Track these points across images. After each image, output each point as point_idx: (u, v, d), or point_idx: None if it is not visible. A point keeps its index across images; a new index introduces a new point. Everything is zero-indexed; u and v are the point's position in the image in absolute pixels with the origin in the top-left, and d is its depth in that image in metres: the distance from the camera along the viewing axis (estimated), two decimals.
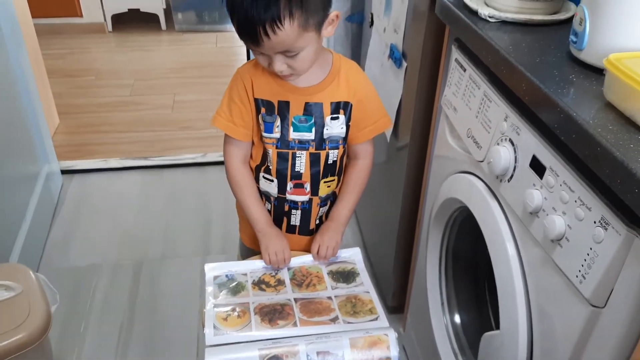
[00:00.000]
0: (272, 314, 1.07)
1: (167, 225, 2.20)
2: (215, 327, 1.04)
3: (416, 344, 1.50)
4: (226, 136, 1.17)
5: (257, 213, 1.20)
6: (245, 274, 1.20)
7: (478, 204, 1.00)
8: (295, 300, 1.12)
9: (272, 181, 1.20)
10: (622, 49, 0.80)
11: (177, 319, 1.77)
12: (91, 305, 1.82)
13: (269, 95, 1.11)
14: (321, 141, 1.14)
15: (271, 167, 1.17)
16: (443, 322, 1.23)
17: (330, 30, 1.04)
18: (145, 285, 1.91)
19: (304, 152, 1.15)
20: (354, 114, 1.14)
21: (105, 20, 4.13)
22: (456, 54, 1.13)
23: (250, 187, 1.20)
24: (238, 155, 1.18)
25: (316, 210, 1.24)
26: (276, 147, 1.15)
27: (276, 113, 1.12)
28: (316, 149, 1.15)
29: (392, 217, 1.60)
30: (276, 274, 1.19)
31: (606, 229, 0.68)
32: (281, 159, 1.16)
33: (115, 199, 2.34)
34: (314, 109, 1.12)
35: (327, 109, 1.12)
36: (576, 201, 0.74)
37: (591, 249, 0.71)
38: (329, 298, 1.13)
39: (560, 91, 0.79)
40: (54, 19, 4.00)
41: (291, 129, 1.13)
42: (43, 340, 1.10)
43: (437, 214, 1.20)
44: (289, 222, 1.25)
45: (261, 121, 1.13)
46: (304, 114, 1.12)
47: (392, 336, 1.02)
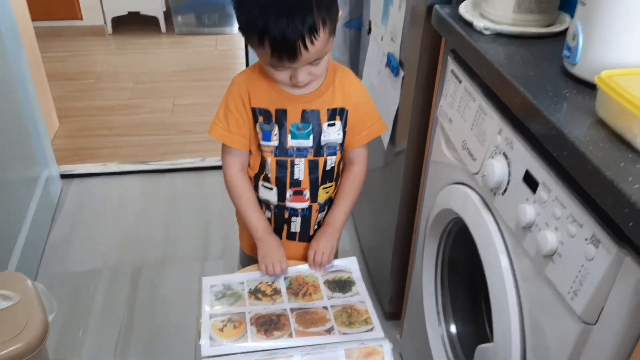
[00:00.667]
0: (268, 325, 1.08)
1: (166, 230, 2.20)
2: (211, 338, 1.04)
3: (413, 351, 1.50)
4: (224, 146, 1.18)
5: (256, 221, 1.21)
6: (241, 282, 1.20)
7: (472, 216, 1.00)
8: (291, 310, 1.12)
9: (271, 189, 1.20)
10: (615, 64, 0.80)
11: (176, 324, 1.78)
12: (90, 310, 1.83)
13: (266, 103, 1.12)
14: (319, 148, 1.15)
15: (270, 175, 1.18)
16: (439, 331, 1.24)
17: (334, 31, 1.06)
18: (144, 290, 1.91)
19: (303, 159, 1.16)
20: (350, 119, 1.15)
21: (106, 22, 4.14)
22: (452, 65, 1.13)
23: (249, 196, 1.21)
24: (236, 164, 1.19)
25: (315, 216, 1.25)
26: (275, 155, 1.15)
27: (274, 121, 1.13)
28: (314, 156, 1.16)
29: (389, 223, 1.60)
30: (272, 282, 1.20)
31: (597, 247, 0.69)
32: (280, 166, 1.17)
33: (114, 203, 2.35)
34: (311, 117, 1.13)
35: (324, 116, 1.13)
36: (568, 217, 0.74)
37: (582, 265, 0.71)
38: (325, 308, 1.13)
39: (553, 107, 0.80)
40: (54, 21, 4.01)
41: (289, 136, 1.13)
42: (40, 350, 1.10)
43: (433, 223, 1.21)
44: (289, 229, 1.26)
45: (259, 130, 1.14)
46: (301, 122, 1.13)
47: (387, 347, 1.03)
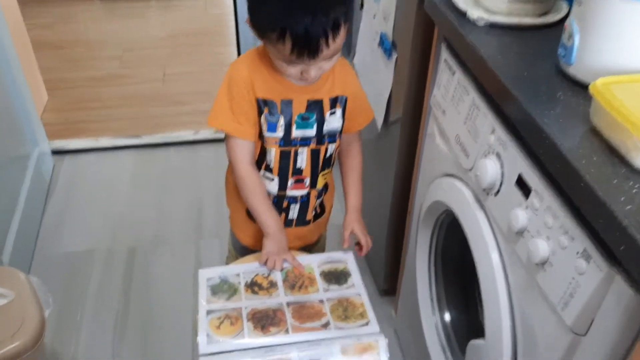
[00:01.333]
0: (264, 320, 1.09)
1: (160, 207, 2.20)
2: (208, 336, 1.05)
3: (407, 329, 1.53)
4: (230, 138, 1.14)
5: (270, 218, 1.18)
6: (238, 274, 1.21)
7: (465, 212, 1.00)
8: (288, 304, 1.13)
9: (272, 180, 1.20)
10: (612, 66, 0.78)
11: (172, 306, 1.80)
12: (86, 293, 1.84)
13: (271, 94, 1.10)
14: (321, 136, 1.16)
15: (272, 165, 1.17)
16: (433, 320, 1.25)
17: None
18: (139, 272, 1.92)
19: (306, 148, 1.16)
20: (348, 106, 1.16)
21: None
22: (445, 54, 1.11)
23: (262, 191, 1.18)
24: (246, 157, 1.15)
25: (313, 202, 1.26)
26: (279, 146, 1.14)
27: (279, 112, 1.11)
28: (317, 145, 1.16)
29: (383, 203, 1.60)
30: (269, 274, 1.20)
31: (588, 262, 0.69)
32: (283, 157, 1.16)
33: (107, 180, 2.34)
34: (315, 106, 1.12)
35: (327, 105, 1.13)
36: (560, 228, 0.74)
37: (573, 278, 0.71)
38: (321, 301, 1.14)
39: (547, 112, 0.78)
40: None
41: (294, 127, 1.13)
42: (38, 347, 1.12)
43: (426, 213, 1.20)
44: (287, 216, 1.26)
45: (264, 121, 1.12)
46: (306, 112, 1.12)
47: (382, 342, 1.04)
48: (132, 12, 3.87)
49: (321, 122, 1.14)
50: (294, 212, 1.25)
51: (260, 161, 1.18)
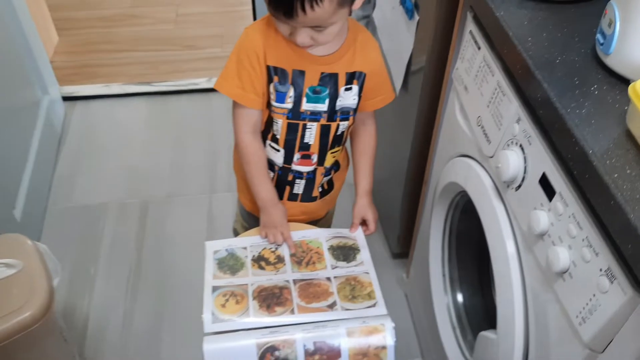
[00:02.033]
0: (270, 299, 1.07)
1: (173, 158, 2.17)
2: (213, 314, 1.05)
3: (417, 293, 1.52)
4: (235, 104, 1.09)
5: (263, 191, 1.15)
6: (245, 247, 1.19)
7: (483, 201, 0.95)
8: (294, 281, 1.11)
9: (278, 151, 1.15)
10: None
11: (185, 262, 1.80)
12: (99, 248, 1.84)
13: (283, 63, 1.04)
14: (333, 112, 1.09)
15: (279, 137, 1.12)
16: (445, 300, 1.23)
17: (358, 2, 0.96)
18: (152, 226, 1.92)
19: (315, 123, 1.10)
20: (366, 84, 1.09)
21: None
22: (471, 25, 1.02)
23: (261, 163, 1.14)
24: (248, 125, 1.10)
25: (320, 179, 1.21)
26: (287, 118, 1.09)
27: (290, 83, 1.05)
28: (327, 121, 1.10)
29: (399, 168, 1.55)
30: (276, 249, 1.18)
31: (612, 282, 0.64)
32: (291, 130, 1.11)
33: (119, 129, 2.30)
34: (329, 80, 1.06)
35: (342, 80, 1.07)
36: (584, 240, 0.69)
37: (594, 295, 0.67)
38: (328, 279, 1.12)
39: (578, 110, 0.71)
40: None
41: (304, 99, 1.07)
42: (47, 317, 1.12)
43: (442, 192, 1.15)
44: (291, 190, 1.22)
45: (272, 90, 1.06)
46: (319, 85, 1.06)
47: (388, 325, 1.02)
48: None
49: (334, 97, 1.07)
50: (300, 187, 1.21)
51: (267, 130, 1.13)
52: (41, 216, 1.90)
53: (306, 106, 1.08)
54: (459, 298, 1.21)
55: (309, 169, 1.17)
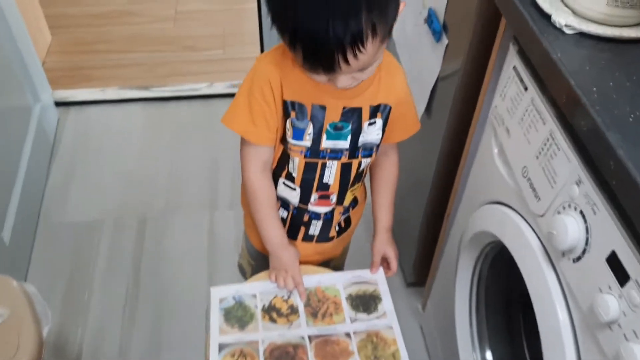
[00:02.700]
0: (283, 359, 0.97)
1: (171, 171, 2.05)
2: None
3: (435, 332, 1.42)
4: (243, 140, 0.99)
5: (273, 236, 1.05)
6: (254, 294, 1.08)
7: (529, 263, 0.84)
8: (310, 338, 1.01)
9: (294, 190, 1.04)
10: None
11: (184, 284, 1.69)
12: (94, 268, 1.74)
13: (302, 97, 0.92)
14: (355, 149, 0.98)
15: (295, 176, 1.01)
16: (472, 357, 1.13)
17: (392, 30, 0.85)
18: (149, 244, 1.81)
19: (336, 162, 0.99)
20: (391, 116, 0.98)
21: None
22: (515, 60, 0.90)
23: (270, 203, 1.03)
24: (258, 163, 0.99)
25: (338, 218, 1.11)
26: (305, 157, 0.98)
27: (308, 118, 0.94)
28: (349, 158, 0.99)
29: (419, 194, 1.44)
30: (289, 297, 1.07)
31: None
32: (308, 169, 0.99)
33: (115, 137, 2.17)
34: (351, 115, 0.94)
35: (366, 114, 0.95)
36: None
37: None
38: (347, 335, 1.02)
39: None
40: None
41: (324, 136, 0.95)
42: None
43: (472, 239, 1.05)
44: (306, 231, 1.11)
45: (289, 126, 0.95)
46: (340, 120, 0.94)
47: None
48: None
49: (357, 133, 0.96)
50: (316, 228, 1.10)
51: (281, 167, 1.02)
52: (32, 234, 1.79)
53: (326, 144, 0.96)
54: (488, 356, 1.11)
55: (327, 209, 1.07)
